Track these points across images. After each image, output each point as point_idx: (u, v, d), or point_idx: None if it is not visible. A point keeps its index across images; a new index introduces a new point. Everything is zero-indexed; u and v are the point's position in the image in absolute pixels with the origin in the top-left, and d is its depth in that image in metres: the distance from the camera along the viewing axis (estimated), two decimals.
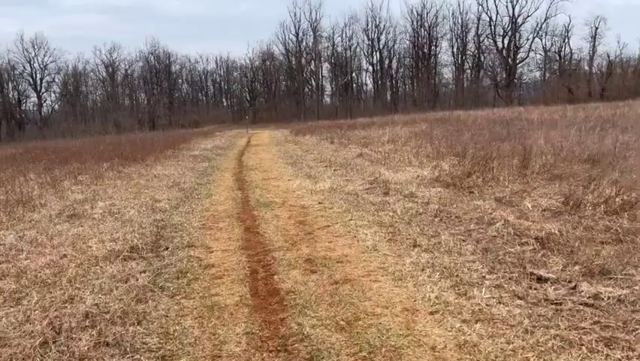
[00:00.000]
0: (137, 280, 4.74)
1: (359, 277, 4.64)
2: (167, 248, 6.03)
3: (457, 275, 4.43)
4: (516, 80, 57.10)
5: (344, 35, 69.77)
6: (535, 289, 4.04)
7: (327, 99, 74.63)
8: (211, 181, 12.05)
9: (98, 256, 5.65)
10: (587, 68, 56.42)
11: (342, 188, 9.59)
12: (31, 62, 67.34)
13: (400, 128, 22.11)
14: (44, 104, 71.85)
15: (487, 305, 3.82)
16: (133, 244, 6.08)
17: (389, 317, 3.74)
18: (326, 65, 70.47)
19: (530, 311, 3.66)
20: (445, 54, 75.77)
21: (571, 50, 55.78)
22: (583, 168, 8.54)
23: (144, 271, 5.03)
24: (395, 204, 7.63)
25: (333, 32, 70.50)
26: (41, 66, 67.88)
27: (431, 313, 3.76)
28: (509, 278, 4.29)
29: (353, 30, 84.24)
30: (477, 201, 7.15)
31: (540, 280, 4.18)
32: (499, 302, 3.85)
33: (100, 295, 4.37)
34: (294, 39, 67.53)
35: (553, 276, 4.22)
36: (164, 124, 65.31)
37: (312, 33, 66.34)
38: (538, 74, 61.22)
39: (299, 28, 66.91)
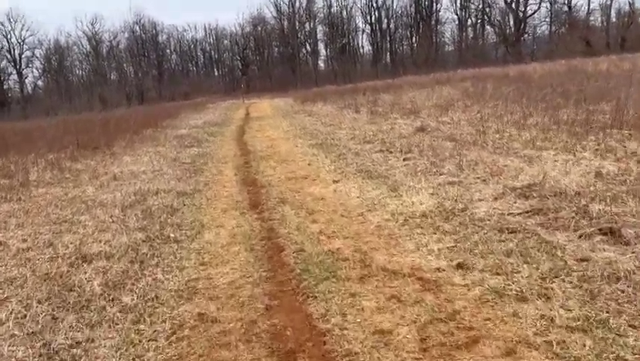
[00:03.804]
0: None
1: None
2: None
3: None
4: (527, 35, 51.27)
5: None
6: None
7: (321, 64, 68.48)
8: (201, 188, 6.90)
9: None
10: (598, 18, 50.67)
11: (465, 208, 4.52)
12: (8, 37, 60.42)
13: (440, 88, 16.90)
14: (26, 81, 65.32)
15: None
16: None
17: None
18: (320, 28, 64.09)
19: None
20: (446, 11, 69.58)
21: None
22: None
23: None
24: None
25: None
26: (19, 41, 61.01)
27: None
28: None
29: None
30: None
31: None
32: None
33: None
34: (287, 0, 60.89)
35: None
36: (154, 97, 59.39)
37: None
38: (544, 27, 55.33)
39: None
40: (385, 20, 60.59)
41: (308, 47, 64.14)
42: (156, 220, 5.21)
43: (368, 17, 60.55)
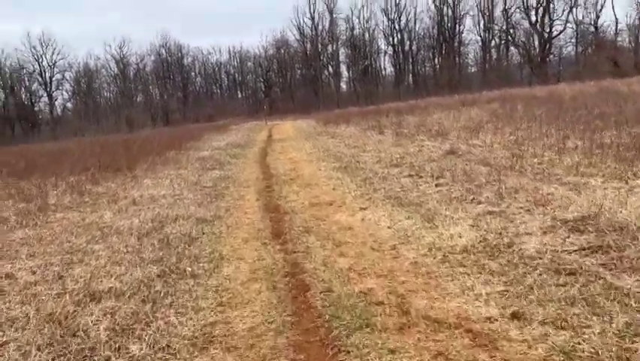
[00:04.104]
0: None
1: None
2: None
3: None
4: (553, 56, 50.39)
5: (361, 17, 63.27)
6: None
7: (343, 86, 68.58)
8: (222, 214, 6.55)
9: None
10: (626, 39, 49.56)
11: (512, 243, 4.04)
12: (40, 61, 62.23)
13: (467, 110, 16.44)
14: (56, 103, 67.00)
15: None
16: None
17: None
18: (342, 50, 64.36)
19: None
20: (470, 33, 69.20)
21: (616, 19, 48.63)
22: None
23: None
24: None
25: (352, 13, 64.16)
26: (50, 64, 62.72)
27: None
28: None
29: (371, 10, 77.54)
30: None
31: None
32: None
33: None
34: (310, 23, 61.27)
35: None
36: (178, 119, 60.18)
37: (328, 15, 60.13)
38: (570, 48, 54.42)
39: (314, 10, 60.72)
40: (408, 42, 60.59)
41: (330, 69, 64.45)
42: (173, 251, 4.86)
43: (390, 39, 60.65)
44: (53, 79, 63.52)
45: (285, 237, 5.16)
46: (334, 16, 59.69)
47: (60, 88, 65.74)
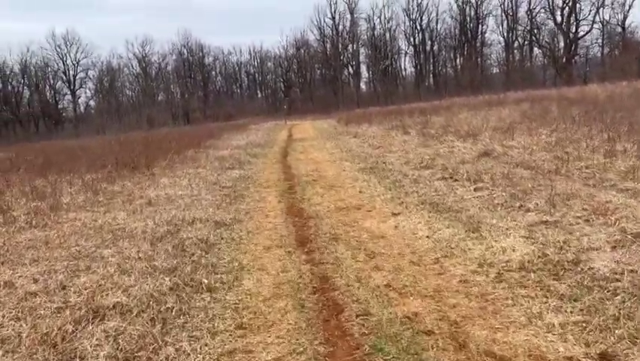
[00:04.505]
0: None
1: None
2: None
3: None
4: (579, 57, 48.91)
5: (382, 17, 62.49)
6: None
7: (363, 86, 67.85)
8: (242, 217, 6.06)
9: None
10: None
11: (577, 259, 3.44)
12: (64, 59, 62.89)
13: (494, 110, 15.74)
14: (79, 101, 67.69)
15: None
16: None
17: None
18: (362, 50, 63.65)
19: None
20: (492, 33, 67.75)
21: None
22: None
23: None
24: None
25: (373, 13, 63.47)
26: (74, 62, 63.37)
27: None
28: None
29: (392, 10, 76.87)
30: None
31: None
32: None
33: None
34: (330, 22, 60.70)
35: None
36: (199, 118, 60.23)
37: (349, 15, 59.49)
38: (596, 49, 52.82)
39: (335, 10, 60.14)
40: (429, 42, 59.63)
41: (350, 69, 63.82)
42: (188, 259, 4.37)
43: (411, 39, 59.76)
44: (77, 77, 64.21)
45: (310, 245, 4.65)
46: (355, 16, 59.08)
47: (83, 86, 66.45)
